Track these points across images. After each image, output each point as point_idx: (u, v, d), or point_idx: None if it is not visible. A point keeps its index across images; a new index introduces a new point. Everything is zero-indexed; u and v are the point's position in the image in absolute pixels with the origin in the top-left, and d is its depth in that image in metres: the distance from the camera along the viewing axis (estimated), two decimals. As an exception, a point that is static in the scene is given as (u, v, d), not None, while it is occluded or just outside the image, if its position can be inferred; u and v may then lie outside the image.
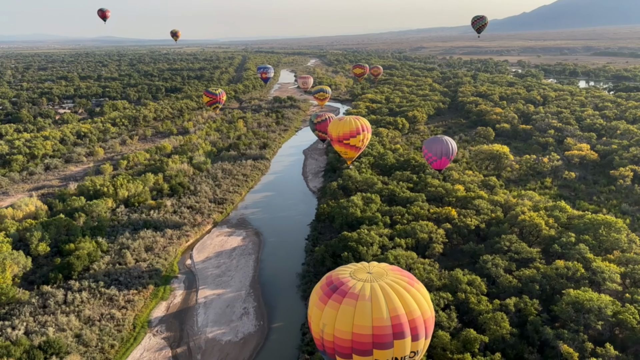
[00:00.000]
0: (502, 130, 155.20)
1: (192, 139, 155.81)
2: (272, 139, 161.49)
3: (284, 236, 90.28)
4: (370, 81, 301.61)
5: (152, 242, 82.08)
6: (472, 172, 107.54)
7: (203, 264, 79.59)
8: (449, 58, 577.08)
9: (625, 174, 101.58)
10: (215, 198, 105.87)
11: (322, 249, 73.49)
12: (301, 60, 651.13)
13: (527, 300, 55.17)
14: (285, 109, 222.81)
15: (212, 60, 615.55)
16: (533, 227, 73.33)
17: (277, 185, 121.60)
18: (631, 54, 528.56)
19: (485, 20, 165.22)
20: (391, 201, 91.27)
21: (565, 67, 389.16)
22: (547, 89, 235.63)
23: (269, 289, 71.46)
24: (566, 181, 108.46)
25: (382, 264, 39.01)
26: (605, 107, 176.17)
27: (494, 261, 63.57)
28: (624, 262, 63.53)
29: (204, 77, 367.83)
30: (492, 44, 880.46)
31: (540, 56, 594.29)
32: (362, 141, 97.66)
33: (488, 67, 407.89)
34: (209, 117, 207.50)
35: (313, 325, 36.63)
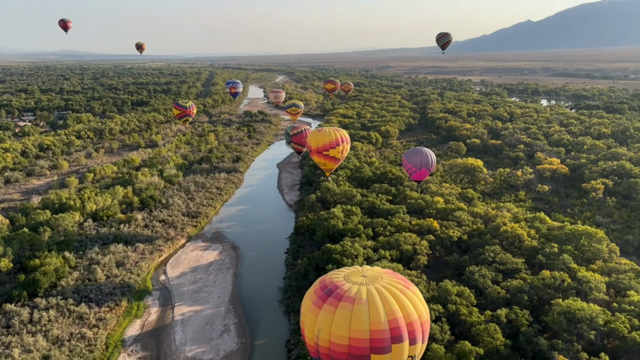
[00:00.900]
0: (473, 145, 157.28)
1: (162, 152, 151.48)
2: (245, 153, 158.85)
3: (263, 250, 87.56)
4: (340, 97, 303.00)
5: (123, 257, 78.01)
6: (449, 185, 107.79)
7: (178, 279, 76.00)
8: (414, 77, 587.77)
9: (596, 187, 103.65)
10: (189, 211, 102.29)
11: (305, 262, 71.29)
12: (269, 77, 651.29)
13: (517, 311, 54.39)
14: (257, 123, 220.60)
15: (178, 75, 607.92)
16: (515, 238, 73.29)
17: (253, 198, 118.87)
18: (587, 75, 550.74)
19: (449, 37, 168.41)
20: (371, 213, 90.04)
21: (527, 86, 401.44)
22: (512, 106, 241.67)
23: (249, 305, 68.57)
24: (539, 194, 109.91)
25: (375, 268, 37.93)
26: (570, 124, 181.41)
27: (481, 272, 62.82)
28: (607, 271, 63.90)
29: (171, 91, 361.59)
30: (455, 64, 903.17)
31: (501, 76, 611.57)
32: (341, 152, 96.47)
33: (453, 86, 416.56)
34: (178, 130, 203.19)
35: (307, 332, 34.85)
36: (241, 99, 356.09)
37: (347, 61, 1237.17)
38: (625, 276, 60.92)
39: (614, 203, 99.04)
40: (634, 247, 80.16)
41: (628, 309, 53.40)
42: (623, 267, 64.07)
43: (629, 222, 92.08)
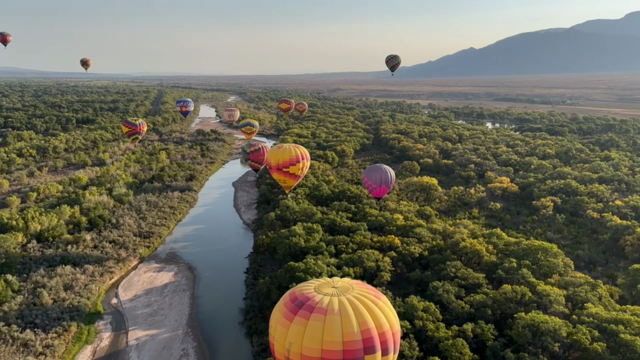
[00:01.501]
0: (426, 165, 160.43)
1: (110, 170, 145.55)
2: (198, 171, 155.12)
3: (220, 270, 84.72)
4: (294, 117, 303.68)
5: (71, 279, 73.33)
6: (407, 202, 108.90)
7: (131, 302, 72.04)
8: (365, 99, 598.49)
9: (546, 204, 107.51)
10: (141, 231, 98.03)
11: (268, 281, 69.34)
12: (221, 97, 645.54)
13: (483, 326, 54.67)
14: (210, 142, 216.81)
15: (125, 93, 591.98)
16: (474, 253, 74.35)
17: (208, 217, 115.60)
18: (527, 100, 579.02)
19: (398, 60, 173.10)
20: (332, 231, 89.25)
21: (472, 109, 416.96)
22: (460, 128, 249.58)
23: (209, 327, 65.71)
24: (492, 211, 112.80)
25: (345, 279, 37.72)
26: (516, 145, 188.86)
27: (444, 287, 63.04)
28: (564, 285, 65.62)
29: (119, 109, 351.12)
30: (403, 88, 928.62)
31: (447, 100, 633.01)
32: (301, 169, 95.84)
33: (403, 109, 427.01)
34: (127, 148, 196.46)
35: (277, 346, 33.84)
36: (192, 118, 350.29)
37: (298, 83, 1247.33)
38: (582, 289, 62.70)
39: (563, 220, 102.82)
40: (584, 262, 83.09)
41: (587, 321, 54.70)
42: (579, 280, 66.00)
43: (577, 237, 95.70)
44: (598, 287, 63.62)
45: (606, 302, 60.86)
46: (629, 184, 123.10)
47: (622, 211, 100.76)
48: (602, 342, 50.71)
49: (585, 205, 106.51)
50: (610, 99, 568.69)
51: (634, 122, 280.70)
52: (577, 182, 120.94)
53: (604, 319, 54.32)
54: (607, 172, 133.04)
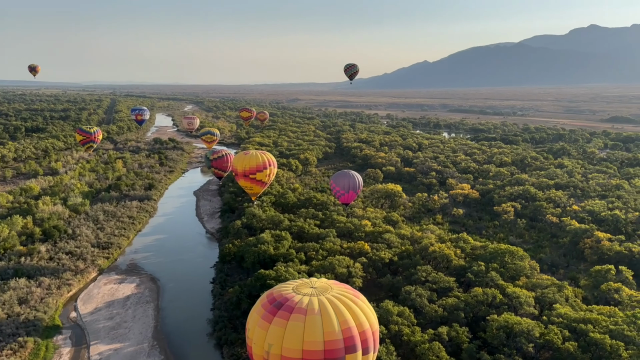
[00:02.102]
0: (388, 173, 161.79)
1: (64, 180, 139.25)
2: (157, 180, 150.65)
3: (185, 281, 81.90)
4: (254, 126, 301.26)
5: (26, 293, 69.06)
6: (373, 209, 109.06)
7: (92, 315, 68.44)
8: (324, 109, 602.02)
9: (507, 210, 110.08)
10: (99, 242, 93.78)
11: (237, 290, 67.38)
12: (177, 106, 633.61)
13: (457, 329, 54.76)
14: (169, 151, 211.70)
15: (77, 102, 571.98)
16: (443, 257, 74.89)
17: (170, 227, 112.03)
18: (480, 112, 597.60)
19: (356, 68, 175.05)
20: (300, 238, 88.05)
21: (429, 120, 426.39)
22: (419, 137, 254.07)
23: (176, 340, 63.10)
24: (455, 217, 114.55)
25: (323, 279, 37.82)
26: (474, 153, 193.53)
27: (417, 291, 62.97)
28: (531, 287, 66.80)
29: (70, 118, 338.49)
30: (361, 99, 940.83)
31: (404, 111, 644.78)
32: (268, 176, 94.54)
33: (362, 119, 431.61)
34: (80, 157, 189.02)
35: (255, 349, 33.29)
36: (148, 127, 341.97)
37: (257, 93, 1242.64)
38: (549, 291, 64.01)
39: (524, 224, 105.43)
40: (547, 265, 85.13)
41: (557, 321, 55.70)
42: (545, 282, 67.40)
43: (539, 241, 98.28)
44: (564, 289, 65.13)
45: (573, 303, 62.32)
46: (583, 189, 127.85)
47: (579, 215, 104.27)
48: (573, 341, 51.68)
49: (544, 210, 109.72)
50: (558, 111, 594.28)
51: (582, 132, 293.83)
52: (534, 188, 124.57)
53: (573, 319, 55.48)
54: (562, 179, 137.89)
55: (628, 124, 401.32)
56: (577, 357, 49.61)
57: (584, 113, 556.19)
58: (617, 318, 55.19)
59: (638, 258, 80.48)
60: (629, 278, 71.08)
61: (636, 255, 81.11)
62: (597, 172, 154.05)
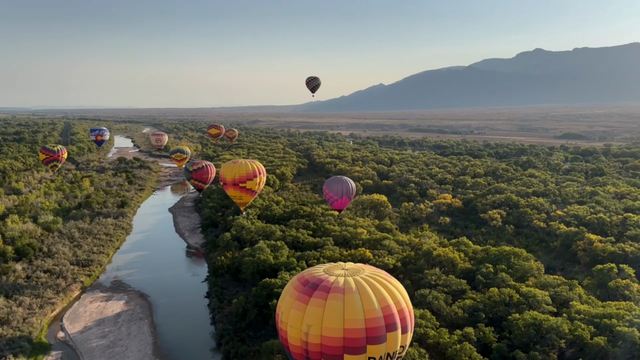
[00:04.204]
0: (366, 186, 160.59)
1: (30, 199, 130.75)
2: (129, 198, 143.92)
3: (177, 296, 77.07)
4: (221, 145, 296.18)
5: (7, 313, 62.90)
6: (363, 219, 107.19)
7: (82, 334, 62.89)
8: (287, 130, 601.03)
9: (494, 216, 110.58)
10: (78, 260, 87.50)
11: (242, 301, 63.58)
12: (135, 128, 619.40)
13: (484, 329, 53.05)
14: (135, 170, 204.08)
15: (29, 125, 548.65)
16: (449, 261, 73.54)
17: (150, 244, 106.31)
18: (439, 131, 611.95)
19: (318, 81, 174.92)
20: (296, 248, 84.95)
21: (393, 138, 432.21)
22: (389, 153, 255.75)
23: (178, 356, 58.64)
24: (442, 226, 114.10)
25: (349, 263, 37.34)
26: (446, 166, 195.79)
27: (432, 294, 61.10)
28: (541, 286, 66.13)
29: (25, 140, 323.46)
30: (322, 120, 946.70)
31: (366, 130, 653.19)
32: (258, 185, 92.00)
33: (327, 138, 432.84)
34: (42, 178, 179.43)
35: (292, 331, 32.26)
36: (108, 148, 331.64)
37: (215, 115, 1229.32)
38: (561, 289, 63.42)
39: (512, 230, 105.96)
40: (544, 268, 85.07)
41: (578, 318, 54.83)
42: (555, 281, 66.91)
43: (529, 246, 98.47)
44: (575, 287, 64.73)
45: (587, 300, 61.86)
46: (562, 196, 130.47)
47: (565, 220, 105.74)
48: (600, 336, 50.83)
49: (529, 216, 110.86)
50: (513, 129, 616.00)
51: (542, 147, 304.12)
52: (515, 196, 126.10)
53: (594, 314, 54.81)
54: (538, 187, 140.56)
55: (580, 140, 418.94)
56: (609, 352, 48.71)
57: (537, 131, 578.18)
58: (637, 311, 54.88)
59: (632, 258, 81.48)
60: (632, 275, 71.54)
61: (629, 255, 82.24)
62: (568, 181, 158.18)
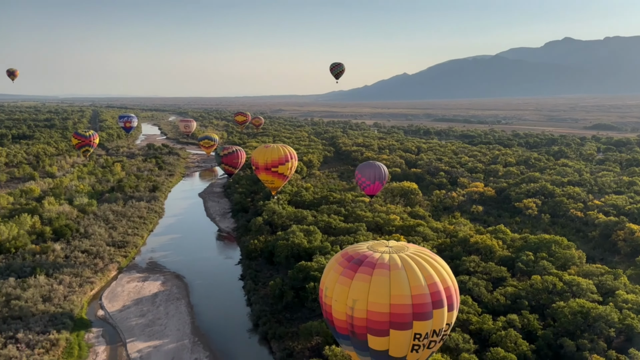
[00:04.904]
0: (394, 174, 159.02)
1: (64, 182, 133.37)
2: (160, 183, 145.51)
3: (212, 278, 77.59)
4: (247, 133, 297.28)
5: (49, 290, 64.06)
6: (395, 206, 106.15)
7: (121, 313, 63.75)
8: (310, 119, 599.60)
9: (529, 205, 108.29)
10: (114, 241, 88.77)
11: (279, 283, 63.58)
12: (161, 116, 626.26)
13: (528, 316, 51.88)
14: (164, 156, 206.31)
15: (58, 112, 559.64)
16: (487, 248, 72.20)
17: (182, 227, 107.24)
18: (465, 120, 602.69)
19: (342, 67, 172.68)
20: (328, 233, 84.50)
21: (418, 127, 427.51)
22: (416, 142, 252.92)
23: (216, 336, 58.80)
24: (474, 215, 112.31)
25: (392, 241, 37.17)
26: (475, 155, 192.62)
27: (473, 281, 60.03)
28: (584, 275, 64.38)
29: (56, 126, 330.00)
30: (345, 109, 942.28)
31: (390, 120, 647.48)
32: (290, 169, 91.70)
33: (351, 127, 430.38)
34: (74, 162, 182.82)
35: (337, 305, 32.43)
36: (136, 135, 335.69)
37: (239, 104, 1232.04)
38: (606, 278, 61.67)
39: (548, 220, 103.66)
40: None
41: (626, 307, 53.24)
42: (599, 270, 65.09)
43: (566, 236, 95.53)
44: (620, 276, 62.84)
45: (632, 289, 59.96)
46: (598, 185, 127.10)
47: (603, 209, 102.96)
48: (650, 325, 49.24)
49: (566, 205, 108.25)
50: (541, 119, 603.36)
51: (572, 137, 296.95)
52: (550, 185, 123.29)
53: (643, 303, 53.08)
54: (573, 177, 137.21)
55: (612, 130, 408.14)
56: (660, 341, 47.14)
57: (566, 121, 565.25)
58: (689, 301, 52.99)
59: (676, 248, 79.02)
60: (678, 265, 69.25)
61: (673, 245, 79.66)
62: (603, 171, 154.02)
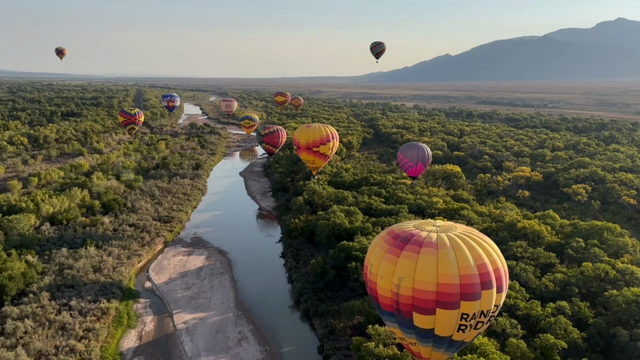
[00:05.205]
0: (436, 157, 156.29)
1: (111, 158, 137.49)
2: (202, 161, 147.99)
3: (253, 254, 78.62)
4: (286, 114, 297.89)
5: (99, 261, 66.38)
6: (437, 189, 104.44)
7: (167, 285, 65.51)
8: (349, 101, 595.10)
9: (578, 191, 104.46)
10: (160, 216, 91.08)
11: (320, 262, 63.78)
12: (202, 96, 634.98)
13: (579, 303, 50.22)
14: (206, 135, 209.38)
15: (104, 91, 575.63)
16: (534, 234, 70.16)
17: (224, 204, 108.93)
18: (509, 104, 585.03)
19: (383, 46, 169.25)
20: (368, 214, 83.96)
21: (460, 109, 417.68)
22: (458, 124, 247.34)
23: (259, 311, 59.65)
24: (520, 200, 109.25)
25: (439, 220, 36.32)
26: (521, 139, 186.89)
27: (520, 266, 58.51)
28: (637, 264, 61.77)
29: (102, 105, 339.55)
30: (384, 91, 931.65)
31: (430, 102, 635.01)
32: (331, 149, 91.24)
33: (391, 109, 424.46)
34: (120, 139, 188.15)
35: (382, 282, 32.02)
36: (179, 115, 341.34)
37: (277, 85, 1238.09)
38: (662, 267, 58.92)
39: (598, 206, 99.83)
40: (636, 245, 79.73)
41: (684, 297, 50.72)
42: (655, 258, 62.32)
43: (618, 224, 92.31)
44: (678, 266, 59.91)
45: (692, 280, 57.09)
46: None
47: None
48: None
49: (617, 192, 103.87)
50: (590, 103, 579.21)
51: (624, 122, 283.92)
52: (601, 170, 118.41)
53: (703, 295, 50.43)
54: (625, 163, 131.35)
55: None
56: None
57: (617, 106, 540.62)
58: None
59: None
60: None
61: None
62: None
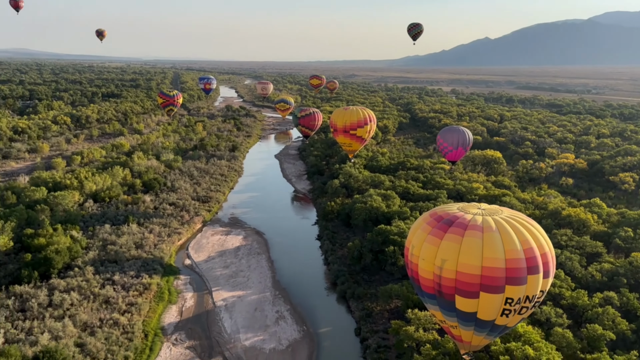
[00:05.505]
0: (476, 142, 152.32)
1: (151, 139, 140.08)
2: (239, 143, 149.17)
3: (289, 236, 79.03)
4: (320, 98, 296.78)
5: (140, 238, 67.94)
6: (477, 175, 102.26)
7: (206, 263, 66.54)
8: (384, 85, 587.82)
9: (625, 180, 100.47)
10: (198, 196, 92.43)
11: (357, 245, 63.48)
12: (237, 79, 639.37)
13: (628, 294, 48.40)
14: (242, 117, 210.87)
15: (142, 73, 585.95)
16: (580, 222, 67.89)
17: (260, 186, 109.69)
18: (551, 89, 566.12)
19: (420, 28, 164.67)
20: (406, 199, 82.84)
21: (500, 94, 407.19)
22: (498, 109, 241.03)
23: (296, 291, 59.95)
24: (563, 187, 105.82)
25: (484, 204, 34.85)
26: (564, 125, 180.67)
27: (565, 255, 56.74)
28: (691, 256, 59.00)
29: (141, 86, 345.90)
30: (420, 75, 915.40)
31: (468, 87, 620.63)
32: (368, 132, 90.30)
33: (427, 93, 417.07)
34: (159, 121, 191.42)
35: (424, 264, 31.34)
36: (215, 97, 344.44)
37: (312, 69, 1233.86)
38: None
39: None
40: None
41: None
42: None
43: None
44: None
45: None
46: None
47: None
48: None
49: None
50: (637, 90, 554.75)
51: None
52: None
53: None
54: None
55: None
56: None
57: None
58: None
59: None
60: None
61: None
62: None
